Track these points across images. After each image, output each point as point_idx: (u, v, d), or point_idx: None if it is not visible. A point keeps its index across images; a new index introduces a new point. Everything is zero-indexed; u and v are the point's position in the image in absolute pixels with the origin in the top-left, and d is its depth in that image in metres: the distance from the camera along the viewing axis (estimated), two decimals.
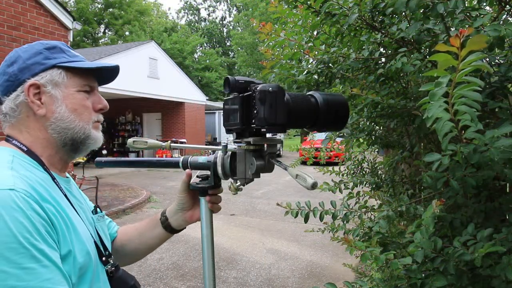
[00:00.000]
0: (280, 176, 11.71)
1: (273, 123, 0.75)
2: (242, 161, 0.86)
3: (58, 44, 0.87)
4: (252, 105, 0.78)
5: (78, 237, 0.77)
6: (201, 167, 0.99)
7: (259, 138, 0.82)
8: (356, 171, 2.26)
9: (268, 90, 0.75)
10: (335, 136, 1.94)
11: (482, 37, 0.67)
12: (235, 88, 0.80)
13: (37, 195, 0.71)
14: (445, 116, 0.76)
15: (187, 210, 1.03)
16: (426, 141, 1.80)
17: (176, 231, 1.06)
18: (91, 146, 0.89)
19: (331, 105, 0.82)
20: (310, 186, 0.67)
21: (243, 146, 0.84)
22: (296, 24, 1.66)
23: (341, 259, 4.75)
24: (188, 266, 4.58)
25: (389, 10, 1.18)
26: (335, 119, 0.84)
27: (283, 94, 0.76)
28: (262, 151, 0.84)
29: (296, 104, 0.79)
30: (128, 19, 34.02)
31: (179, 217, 1.04)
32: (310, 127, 0.85)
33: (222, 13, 69.74)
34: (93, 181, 7.01)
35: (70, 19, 6.71)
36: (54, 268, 0.67)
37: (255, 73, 33.42)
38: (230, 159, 0.91)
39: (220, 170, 0.93)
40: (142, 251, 1.10)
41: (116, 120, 18.47)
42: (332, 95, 0.86)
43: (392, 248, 1.35)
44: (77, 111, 0.85)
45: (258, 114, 0.76)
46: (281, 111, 0.75)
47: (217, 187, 0.97)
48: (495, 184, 1.30)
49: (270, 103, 0.74)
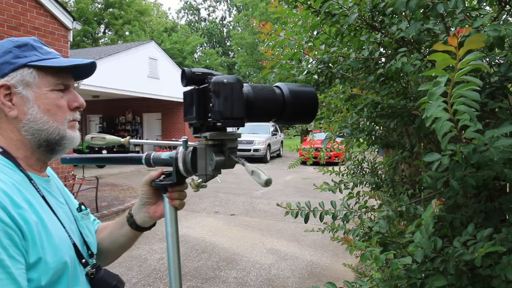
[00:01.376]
0: (280, 176, 11.73)
1: (228, 117, 0.72)
2: (203, 157, 0.82)
3: (29, 41, 0.83)
4: (208, 98, 0.74)
5: (51, 243, 0.74)
6: (164, 163, 0.95)
7: (216, 133, 0.78)
8: (356, 171, 2.27)
9: (222, 81, 0.72)
10: (335, 136, 1.94)
11: (480, 37, 0.67)
12: (192, 81, 0.77)
13: (8, 201, 0.69)
14: (444, 115, 0.76)
15: (151, 205, 0.98)
16: (426, 141, 1.81)
17: (142, 228, 1.01)
18: (67, 146, 0.86)
19: (298, 97, 0.80)
20: (263, 183, 0.65)
21: (203, 141, 0.81)
22: (296, 24, 1.66)
23: (341, 259, 4.75)
24: (188, 266, 4.58)
25: (389, 10, 1.18)
26: (303, 112, 0.82)
27: (240, 86, 0.73)
28: (223, 146, 0.80)
29: (259, 97, 0.77)
30: (128, 19, 34.01)
31: (142, 213, 0.99)
32: (276, 120, 0.82)
33: (222, 13, 69.73)
34: (93, 181, 7.01)
35: (70, 19, 6.71)
36: (8, 281, 0.64)
37: (255, 73, 33.44)
38: (192, 155, 0.88)
39: (181, 166, 0.89)
40: (114, 251, 1.06)
41: (116, 120, 18.49)
42: (300, 86, 0.83)
43: (392, 248, 1.35)
44: (51, 112, 0.82)
45: (213, 107, 0.72)
46: (237, 104, 0.72)
47: (179, 184, 0.92)
48: (495, 184, 1.30)
49: (225, 95, 0.71)
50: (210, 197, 8.70)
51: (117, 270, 4.41)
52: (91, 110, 17.64)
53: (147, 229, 1.03)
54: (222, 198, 8.59)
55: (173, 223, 0.92)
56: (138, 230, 1.01)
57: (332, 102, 2.11)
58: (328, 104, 2.12)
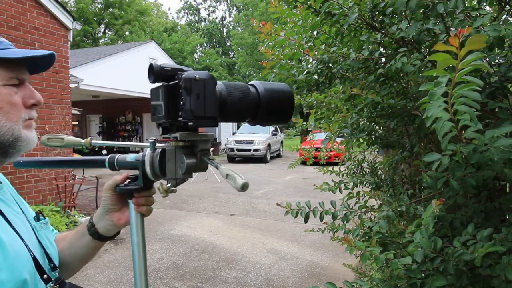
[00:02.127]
0: (280, 176, 11.72)
1: (201, 116, 0.67)
2: (172, 160, 0.76)
3: None
4: (178, 96, 0.68)
5: (7, 259, 0.66)
6: (130, 166, 0.87)
7: (187, 133, 0.72)
8: (356, 171, 2.27)
9: (194, 77, 0.66)
10: (335, 136, 1.94)
11: (481, 37, 0.67)
12: (160, 77, 0.71)
13: None
14: (444, 116, 0.76)
15: (114, 212, 0.90)
16: (426, 141, 1.81)
17: (105, 238, 0.92)
18: (22, 148, 0.74)
19: (273, 96, 0.75)
20: (239, 187, 0.60)
21: (172, 142, 0.74)
22: (296, 24, 1.66)
23: (341, 259, 4.75)
24: (188, 266, 4.58)
25: (389, 10, 1.18)
26: (279, 112, 0.77)
27: (213, 83, 0.68)
28: (194, 147, 0.74)
29: (233, 95, 0.72)
30: (128, 19, 34.04)
31: (105, 221, 0.90)
32: (251, 121, 0.77)
33: (222, 13, 69.75)
34: (93, 181, 7.01)
35: (70, 19, 6.71)
36: None
37: (255, 73, 33.45)
38: (160, 158, 0.81)
39: (148, 170, 0.82)
40: (74, 264, 0.95)
41: (116, 120, 18.48)
42: (276, 85, 0.79)
43: (392, 248, 1.35)
44: (3, 110, 0.70)
45: (184, 105, 0.67)
46: (210, 102, 0.67)
47: (146, 189, 0.85)
48: (495, 184, 1.30)
49: (197, 93, 0.66)
50: (210, 197, 8.70)
51: (117, 270, 4.41)
52: (91, 110, 17.64)
53: (110, 239, 0.94)
54: (222, 198, 8.59)
55: (139, 231, 0.85)
56: (100, 240, 0.92)
57: (332, 102, 2.11)
58: (328, 104, 2.12)
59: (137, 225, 0.85)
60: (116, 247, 5.13)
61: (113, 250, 5.00)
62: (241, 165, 15.23)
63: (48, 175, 6.22)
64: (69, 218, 5.49)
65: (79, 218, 5.79)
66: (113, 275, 4.31)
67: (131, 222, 0.85)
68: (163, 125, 0.76)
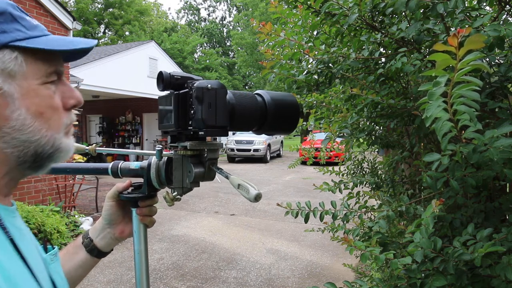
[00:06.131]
0: (280, 176, 11.72)
1: (212, 125, 0.66)
2: (179, 168, 0.75)
3: (6, 8, 0.53)
4: (189, 105, 0.68)
5: None
6: (134, 174, 0.85)
7: (196, 142, 0.71)
8: (356, 171, 2.27)
9: (206, 87, 0.66)
10: (335, 136, 1.94)
11: (480, 37, 0.67)
12: (170, 85, 0.70)
13: None
14: (444, 116, 0.76)
15: (117, 224, 0.85)
16: (426, 141, 1.80)
17: (103, 254, 0.86)
18: (59, 160, 0.61)
19: (279, 106, 0.75)
20: (253, 198, 0.59)
21: (180, 151, 0.73)
22: (296, 24, 1.66)
23: (341, 259, 4.75)
24: (188, 266, 4.58)
25: (389, 10, 1.18)
26: (284, 121, 0.78)
27: (224, 92, 0.67)
28: (202, 157, 0.74)
29: (241, 104, 0.71)
30: (128, 19, 34.07)
31: (107, 234, 0.84)
32: (256, 130, 0.77)
33: (222, 13, 69.82)
34: (93, 181, 7.01)
35: (70, 19, 6.71)
36: None
37: (255, 73, 33.46)
38: (166, 166, 0.80)
39: (154, 178, 0.81)
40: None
41: (116, 120, 18.47)
42: (282, 94, 0.79)
43: (392, 248, 1.35)
44: (44, 116, 0.56)
45: (195, 114, 0.66)
46: (221, 111, 0.66)
47: (150, 197, 0.83)
48: (495, 184, 1.30)
49: (209, 102, 0.65)
50: (210, 197, 8.70)
51: (117, 270, 4.42)
52: (91, 110, 17.64)
53: (106, 255, 0.88)
54: (222, 198, 8.59)
55: (142, 240, 0.83)
56: (98, 257, 0.85)
57: (332, 102, 2.11)
58: (328, 104, 2.12)
59: (140, 233, 0.83)
60: (116, 247, 5.12)
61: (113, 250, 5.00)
62: (241, 165, 15.23)
63: (48, 175, 6.21)
64: (69, 218, 5.49)
65: (79, 218, 5.79)
66: (113, 275, 4.31)
67: (134, 229, 0.83)
68: (171, 133, 0.75)
